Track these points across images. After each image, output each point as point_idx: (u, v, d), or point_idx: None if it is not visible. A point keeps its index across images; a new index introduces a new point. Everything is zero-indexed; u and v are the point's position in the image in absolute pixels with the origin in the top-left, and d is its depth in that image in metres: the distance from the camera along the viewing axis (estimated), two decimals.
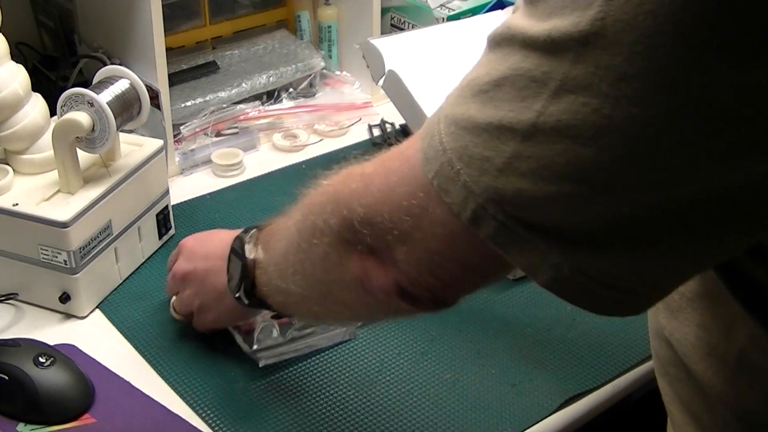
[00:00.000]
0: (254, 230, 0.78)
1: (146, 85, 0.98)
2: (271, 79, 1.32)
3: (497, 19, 1.29)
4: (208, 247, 0.87)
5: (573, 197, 0.49)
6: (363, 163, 0.65)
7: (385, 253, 0.60)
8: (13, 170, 0.95)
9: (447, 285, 0.60)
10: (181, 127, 1.23)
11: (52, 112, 0.97)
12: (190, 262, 0.88)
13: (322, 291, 0.68)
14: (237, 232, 0.80)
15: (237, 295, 0.78)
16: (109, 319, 0.95)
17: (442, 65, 1.21)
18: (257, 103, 1.31)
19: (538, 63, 0.48)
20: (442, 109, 0.55)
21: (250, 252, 0.76)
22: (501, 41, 0.51)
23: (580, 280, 0.52)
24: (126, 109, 0.95)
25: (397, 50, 1.20)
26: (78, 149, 0.93)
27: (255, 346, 0.89)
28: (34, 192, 0.93)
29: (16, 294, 0.95)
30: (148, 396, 0.85)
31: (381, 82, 1.18)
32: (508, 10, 1.31)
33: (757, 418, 0.62)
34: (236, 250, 0.78)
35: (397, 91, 1.15)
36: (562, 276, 0.52)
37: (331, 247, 0.63)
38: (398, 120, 1.31)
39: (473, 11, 1.48)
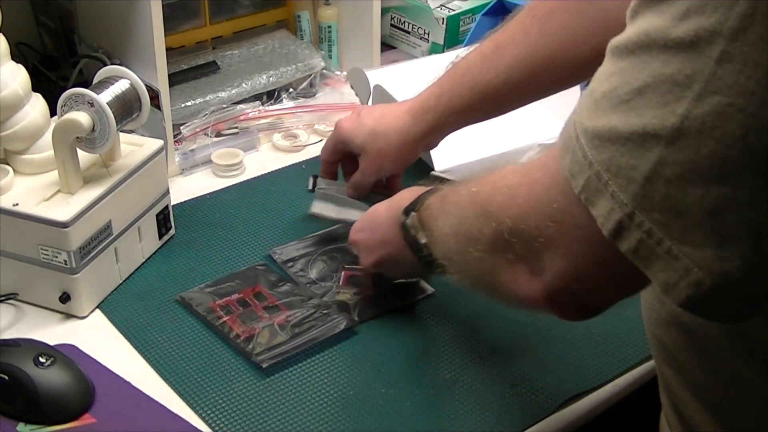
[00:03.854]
0: (413, 215, 0.82)
1: (146, 85, 0.98)
2: (271, 79, 1.32)
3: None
4: (377, 234, 0.90)
5: (720, 200, 0.49)
6: (506, 173, 0.67)
7: (533, 260, 0.62)
8: (13, 170, 0.95)
9: (592, 292, 0.61)
10: (181, 127, 1.23)
11: (52, 112, 0.97)
12: (373, 254, 0.91)
13: (485, 288, 0.72)
14: (393, 208, 0.86)
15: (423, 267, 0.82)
16: (109, 319, 0.95)
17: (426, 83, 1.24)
18: (257, 103, 1.31)
19: (681, 66, 0.49)
20: (576, 124, 0.56)
21: (421, 238, 0.81)
22: (635, 49, 0.52)
23: (721, 298, 0.52)
24: (126, 109, 0.95)
25: (381, 74, 1.23)
26: (78, 149, 0.93)
27: (257, 350, 0.89)
28: (34, 192, 0.93)
29: (16, 294, 0.95)
30: (148, 396, 0.85)
31: (370, 101, 1.19)
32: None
33: None
34: (411, 244, 0.82)
35: (385, 102, 1.17)
36: (702, 294, 0.52)
37: (486, 254, 0.67)
38: None
39: (473, 11, 1.48)
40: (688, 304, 0.52)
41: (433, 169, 1.09)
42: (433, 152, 1.10)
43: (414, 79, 1.22)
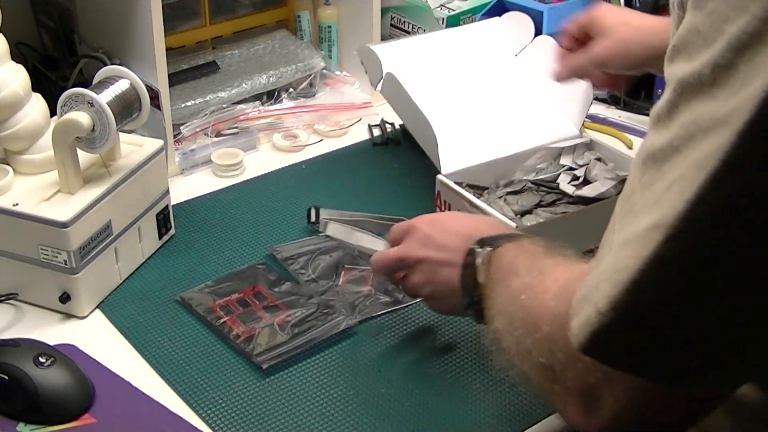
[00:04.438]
0: (487, 249, 0.73)
1: (146, 85, 0.98)
2: (271, 79, 1.32)
3: (494, 26, 1.29)
4: (444, 236, 0.81)
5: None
6: (549, 283, 0.61)
7: (589, 396, 0.56)
8: (13, 170, 0.95)
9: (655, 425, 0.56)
10: (181, 127, 1.23)
11: (52, 112, 0.97)
12: (425, 249, 0.83)
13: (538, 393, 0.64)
14: (473, 221, 0.82)
15: (468, 312, 0.76)
16: (109, 319, 0.95)
17: (439, 69, 1.22)
18: (257, 103, 1.31)
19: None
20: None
21: (480, 275, 0.73)
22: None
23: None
24: (126, 109, 0.95)
25: (394, 55, 1.21)
26: (78, 149, 0.93)
27: (256, 351, 0.89)
28: (34, 192, 0.93)
29: (16, 294, 0.95)
30: (148, 396, 0.85)
31: (379, 86, 1.18)
32: (509, 15, 1.30)
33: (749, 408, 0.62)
34: (466, 279, 0.75)
35: (395, 93, 1.16)
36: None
37: (537, 370, 0.60)
38: (398, 120, 1.31)
39: (473, 11, 1.48)
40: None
41: (439, 172, 1.08)
42: (442, 155, 1.09)
43: (425, 62, 1.22)
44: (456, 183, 1.07)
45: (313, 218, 1.07)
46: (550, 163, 1.14)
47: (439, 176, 1.08)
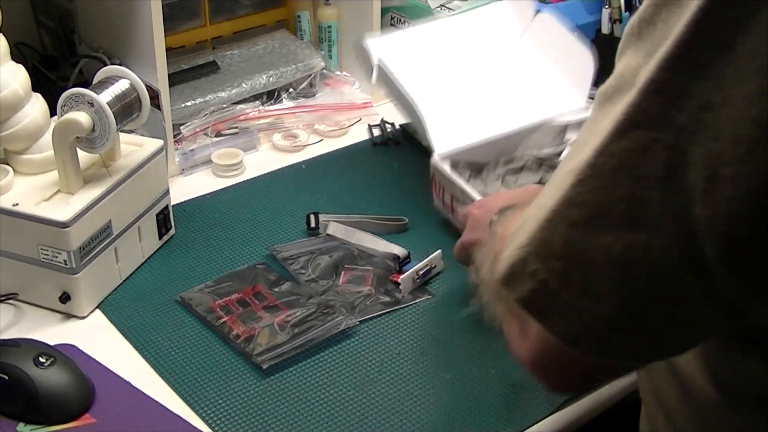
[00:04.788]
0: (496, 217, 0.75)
1: (146, 85, 0.98)
2: (271, 79, 1.32)
3: (495, 10, 1.27)
4: (486, 215, 0.83)
5: (631, 249, 0.46)
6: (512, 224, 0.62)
7: (522, 318, 0.56)
8: (13, 170, 0.95)
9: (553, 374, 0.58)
10: (181, 127, 1.23)
11: (52, 112, 0.97)
12: (473, 232, 0.87)
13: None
14: (511, 193, 0.85)
15: None
16: (109, 319, 0.95)
17: (438, 55, 1.20)
18: (257, 103, 1.31)
19: (613, 105, 0.48)
20: None
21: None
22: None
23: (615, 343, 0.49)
24: (126, 109, 0.95)
25: (385, 46, 1.19)
26: (78, 149, 0.93)
27: (256, 351, 0.89)
28: (34, 192, 0.93)
29: (16, 294, 0.95)
30: (148, 396, 0.85)
31: (374, 78, 1.16)
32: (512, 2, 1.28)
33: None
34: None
35: (388, 82, 1.14)
36: (599, 339, 0.49)
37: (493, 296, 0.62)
38: (398, 120, 1.31)
39: None
40: (589, 351, 0.50)
41: (433, 152, 1.06)
42: (432, 135, 1.06)
43: (420, 49, 1.20)
44: (454, 162, 1.04)
45: (312, 224, 1.07)
46: (554, 138, 1.11)
47: (433, 158, 1.06)
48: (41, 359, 0.82)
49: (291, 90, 1.35)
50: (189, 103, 1.25)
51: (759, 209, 0.43)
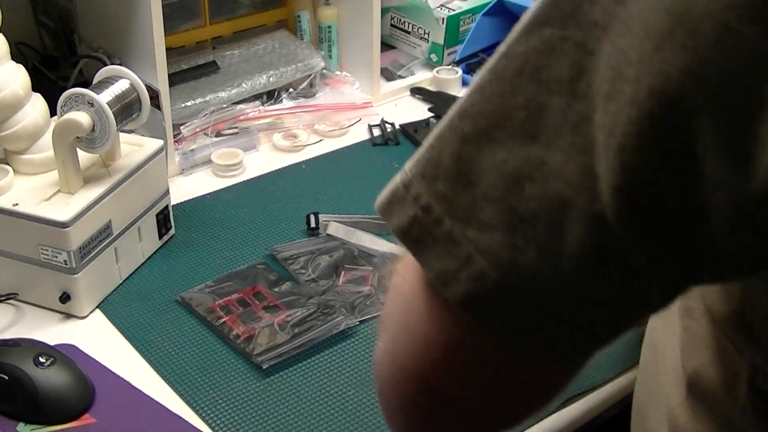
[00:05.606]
0: None
1: (146, 85, 0.98)
2: (271, 79, 1.32)
3: None
4: None
5: (526, 165, 0.38)
6: None
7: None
8: (13, 170, 0.95)
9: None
10: (181, 127, 1.23)
11: (52, 112, 0.97)
12: None
13: None
14: None
15: None
16: (109, 319, 0.95)
17: None
18: (257, 103, 1.31)
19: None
20: None
21: None
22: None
23: (509, 301, 0.39)
24: (126, 109, 0.95)
25: None
26: (78, 149, 0.93)
27: (256, 351, 0.89)
28: (34, 192, 0.93)
29: (16, 294, 0.95)
30: (148, 396, 0.85)
31: None
32: None
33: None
34: None
35: None
36: (486, 290, 0.39)
37: None
38: (398, 120, 1.31)
39: (473, 11, 1.48)
40: (467, 302, 0.40)
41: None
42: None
43: None
44: None
45: (312, 224, 1.07)
46: None
47: None
48: (41, 359, 0.82)
49: (291, 90, 1.35)
50: (189, 103, 1.25)
51: (660, 122, 0.35)
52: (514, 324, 0.40)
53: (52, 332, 0.92)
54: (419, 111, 1.36)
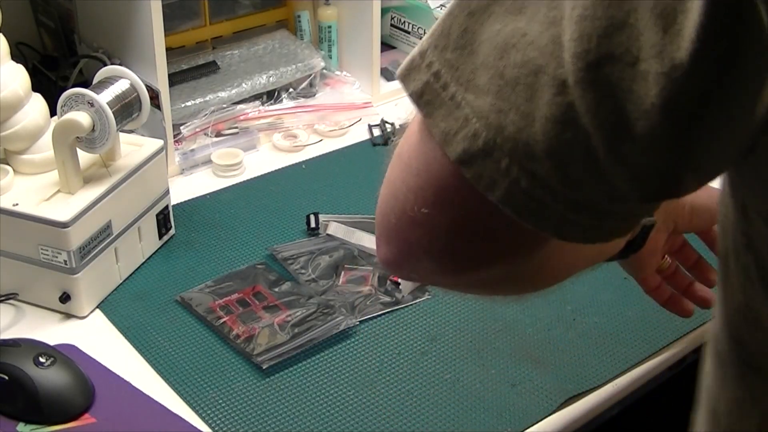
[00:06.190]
0: None
1: (146, 85, 0.98)
2: (271, 79, 1.32)
3: None
4: None
5: (512, 35, 0.42)
6: None
7: None
8: (13, 170, 0.95)
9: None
10: (181, 127, 1.23)
11: (52, 112, 0.97)
12: None
13: None
14: None
15: None
16: (109, 319, 0.95)
17: None
18: (257, 103, 1.31)
19: None
20: None
21: None
22: None
23: (495, 159, 0.43)
24: (126, 109, 0.95)
25: None
26: (78, 149, 0.93)
27: (256, 351, 0.89)
28: (34, 192, 0.93)
29: (16, 294, 0.95)
30: (148, 396, 0.85)
31: None
32: None
33: None
34: None
35: None
36: (477, 149, 0.44)
37: None
38: (398, 120, 1.31)
39: None
40: (463, 158, 0.44)
41: None
42: None
43: None
44: None
45: (312, 224, 1.07)
46: None
47: None
48: (41, 359, 0.82)
49: (291, 90, 1.35)
50: (189, 103, 1.25)
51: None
52: (496, 180, 0.44)
53: (52, 332, 0.92)
54: None
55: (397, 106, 1.39)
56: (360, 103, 1.35)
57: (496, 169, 0.43)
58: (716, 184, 0.49)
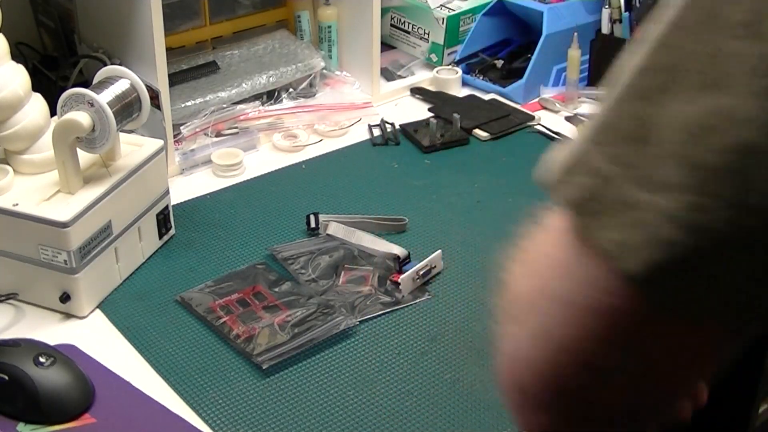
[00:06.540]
0: None
1: (146, 85, 0.98)
2: (271, 79, 1.32)
3: None
4: None
5: (710, 115, 0.35)
6: None
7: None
8: (13, 170, 0.95)
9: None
10: (181, 127, 1.23)
11: (52, 112, 0.97)
12: None
13: None
14: None
15: None
16: (109, 319, 0.95)
17: None
18: (257, 103, 1.31)
19: None
20: None
21: None
22: None
23: (695, 271, 0.36)
24: (126, 109, 0.95)
25: None
26: (78, 149, 0.93)
27: (256, 351, 0.89)
28: (34, 192, 0.93)
29: (16, 294, 0.95)
30: (148, 396, 0.85)
31: None
32: None
33: None
34: None
35: None
36: (674, 259, 0.36)
37: None
38: (398, 120, 1.31)
39: (473, 11, 1.48)
40: (648, 275, 0.36)
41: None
42: None
43: None
44: None
45: (312, 224, 1.07)
46: None
47: None
48: (41, 359, 0.82)
49: (291, 90, 1.35)
50: (189, 103, 1.25)
51: None
52: (702, 299, 0.36)
53: (52, 332, 0.92)
54: (419, 111, 1.36)
55: (397, 106, 1.39)
56: (360, 103, 1.35)
57: (698, 284, 0.35)
58: None
